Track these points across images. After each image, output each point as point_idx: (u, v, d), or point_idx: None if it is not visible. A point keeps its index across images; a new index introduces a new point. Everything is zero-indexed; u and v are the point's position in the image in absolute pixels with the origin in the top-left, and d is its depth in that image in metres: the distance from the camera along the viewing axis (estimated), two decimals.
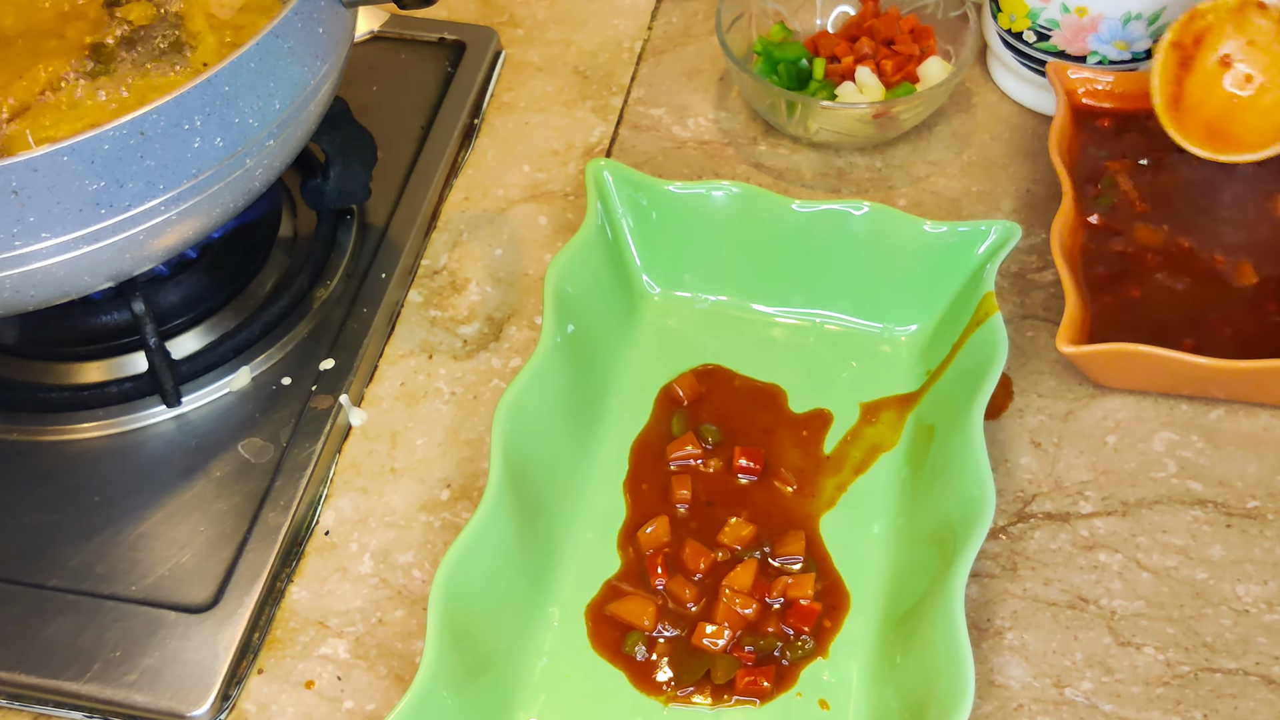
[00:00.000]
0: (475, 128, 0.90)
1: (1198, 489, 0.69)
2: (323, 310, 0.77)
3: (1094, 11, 0.82)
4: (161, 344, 0.72)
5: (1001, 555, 0.67)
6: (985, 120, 0.88)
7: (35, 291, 0.62)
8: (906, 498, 0.68)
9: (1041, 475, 0.70)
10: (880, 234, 0.74)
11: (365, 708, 0.63)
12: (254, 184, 0.67)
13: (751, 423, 0.72)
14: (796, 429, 0.72)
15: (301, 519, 0.69)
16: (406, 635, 0.65)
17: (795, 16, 0.91)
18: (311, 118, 0.69)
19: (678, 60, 0.94)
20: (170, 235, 0.64)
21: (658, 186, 0.76)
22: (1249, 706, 0.61)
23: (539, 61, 0.94)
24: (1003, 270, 0.79)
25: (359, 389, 0.75)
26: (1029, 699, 0.62)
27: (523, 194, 0.86)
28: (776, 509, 0.68)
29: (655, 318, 0.77)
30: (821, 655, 0.63)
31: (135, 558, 0.67)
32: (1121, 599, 0.65)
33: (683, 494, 0.69)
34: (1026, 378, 0.74)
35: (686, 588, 0.65)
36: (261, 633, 0.66)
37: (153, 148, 0.59)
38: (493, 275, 0.81)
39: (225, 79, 0.61)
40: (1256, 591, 0.65)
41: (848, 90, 0.85)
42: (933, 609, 0.59)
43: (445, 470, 0.72)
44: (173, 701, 0.62)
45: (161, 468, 0.71)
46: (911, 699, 0.58)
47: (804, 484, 0.69)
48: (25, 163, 0.56)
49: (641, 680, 0.62)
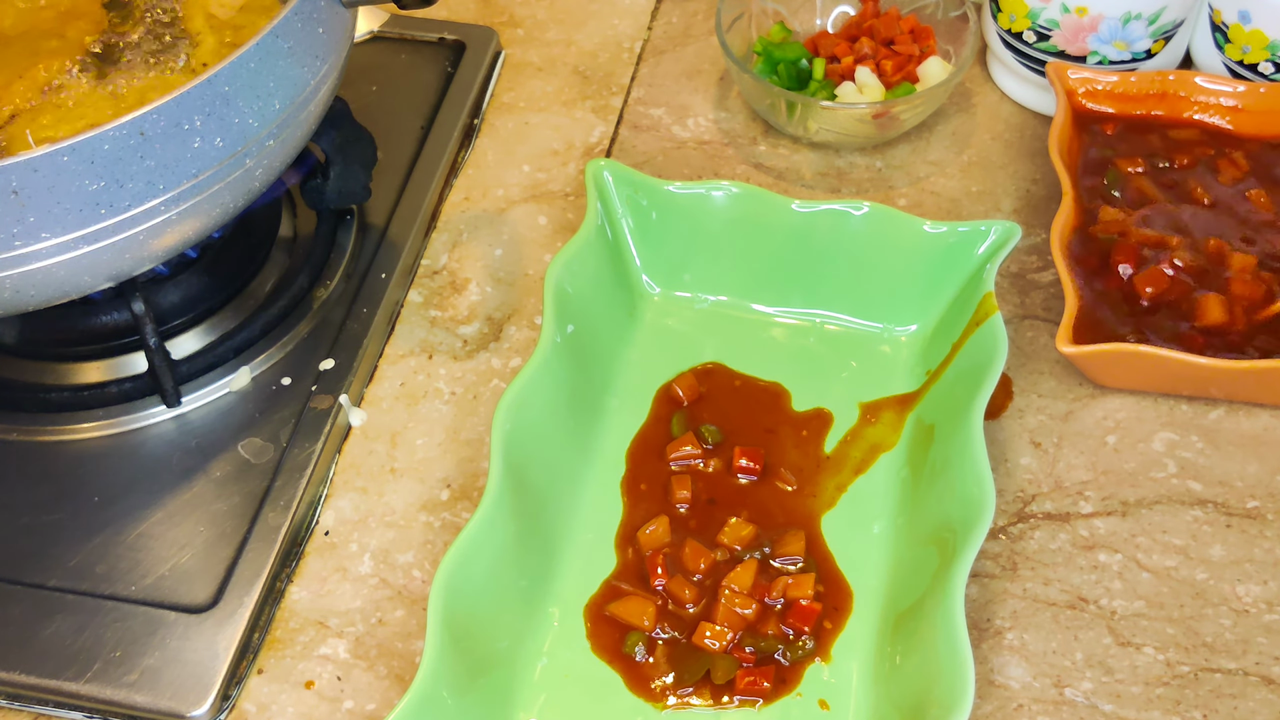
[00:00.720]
0: (475, 128, 0.90)
1: (1198, 489, 0.69)
2: (323, 310, 0.77)
3: (1094, 11, 0.82)
4: (161, 344, 0.72)
5: (1001, 555, 0.67)
6: (985, 120, 0.88)
7: (35, 291, 0.62)
8: (906, 498, 0.68)
9: (1041, 475, 0.70)
10: (880, 234, 0.74)
11: (365, 708, 0.63)
12: (254, 184, 0.67)
13: (752, 422, 0.72)
14: (796, 429, 0.72)
15: (301, 519, 0.69)
16: (406, 635, 0.65)
17: (795, 16, 0.91)
18: (311, 118, 0.69)
19: (678, 60, 0.94)
20: (170, 235, 0.64)
21: (658, 186, 0.76)
22: (1249, 706, 0.61)
23: (539, 61, 0.94)
24: (1003, 270, 0.79)
25: (359, 389, 0.75)
26: (1029, 699, 0.62)
27: (523, 194, 0.86)
28: (777, 509, 0.68)
29: (655, 318, 0.77)
30: (821, 657, 0.63)
31: (135, 558, 0.67)
32: (1121, 599, 0.65)
33: (683, 494, 0.69)
34: (1026, 378, 0.74)
35: (686, 588, 0.65)
36: (261, 633, 0.66)
37: (153, 148, 0.59)
38: (493, 275, 0.81)
39: (225, 79, 0.61)
40: (1256, 591, 0.65)
41: (848, 90, 0.85)
42: (933, 609, 0.59)
43: (445, 470, 0.72)
44: (173, 701, 0.62)
45: (161, 468, 0.71)
46: (911, 699, 0.58)
47: (804, 484, 0.69)
48: (25, 163, 0.56)
49: (640, 681, 0.62)
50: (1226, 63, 0.84)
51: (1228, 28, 0.82)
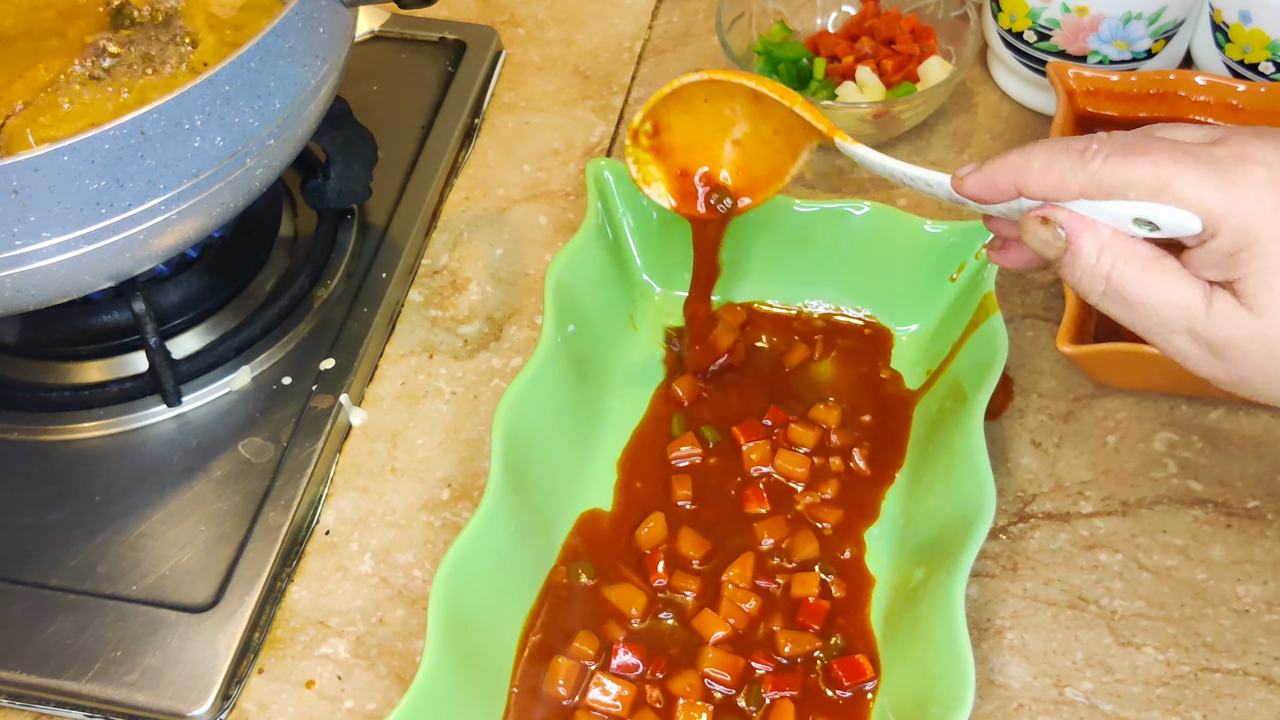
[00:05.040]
0: (476, 127, 0.90)
1: (1198, 489, 0.69)
2: (323, 310, 0.77)
3: (1094, 11, 0.82)
4: (162, 343, 0.72)
5: (1001, 555, 0.67)
6: (986, 120, 0.88)
7: (36, 291, 0.62)
8: (907, 498, 0.68)
9: (1041, 475, 0.70)
10: (881, 234, 0.74)
11: (365, 707, 0.63)
12: (254, 184, 0.67)
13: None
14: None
15: (302, 519, 0.69)
16: (407, 635, 0.65)
17: (796, 16, 0.91)
18: (312, 117, 0.69)
19: (678, 60, 0.94)
20: (170, 235, 0.64)
21: None
22: (1249, 706, 0.61)
23: (539, 61, 0.94)
24: (1003, 270, 0.79)
25: (359, 389, 0.75)
26: (1029, 699, 0.62)
27: (523, 194, 0.86)
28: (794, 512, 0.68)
29: (655, 317, 0.77)
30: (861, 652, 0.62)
31: (136, 557, 0.67)
32: (1122, 599, 0.65)
33: (683, 493, 0.69)
34: (1027, 378, 0.74)
35: (688, 579, 0.65)
36: (262, 632, 0.66)
37: (153, 147, 0.59)
38: (493, 275, 0.81)
39: (225, 79, 0.61)
40: (1256, 591, 0.65)
41: (848, 90, 0.85)
42: (933, 609, 0.59)
43: (445, 470, 0.72)
44: (173, 701, 0.62)
45: (162, 467, 0.71)
46: (911, 699, 0.58)
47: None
48: (26, 162, 0.56)
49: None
50: (1227, 62, 0.84)
51: (1228, 27, 0.82)
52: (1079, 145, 0.49)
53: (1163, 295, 0.49)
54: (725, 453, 0.70)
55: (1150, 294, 0.49)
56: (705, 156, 0.67)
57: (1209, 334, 0.48)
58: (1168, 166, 0.47)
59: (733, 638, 0.63)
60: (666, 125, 0.66)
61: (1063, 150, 0.49)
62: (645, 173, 0.67)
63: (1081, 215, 0.50)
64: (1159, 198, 0.47)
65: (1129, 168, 0.48)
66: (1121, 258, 0.49)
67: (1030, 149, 0.50)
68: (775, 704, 0.60)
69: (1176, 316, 0.49)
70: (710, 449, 0.71)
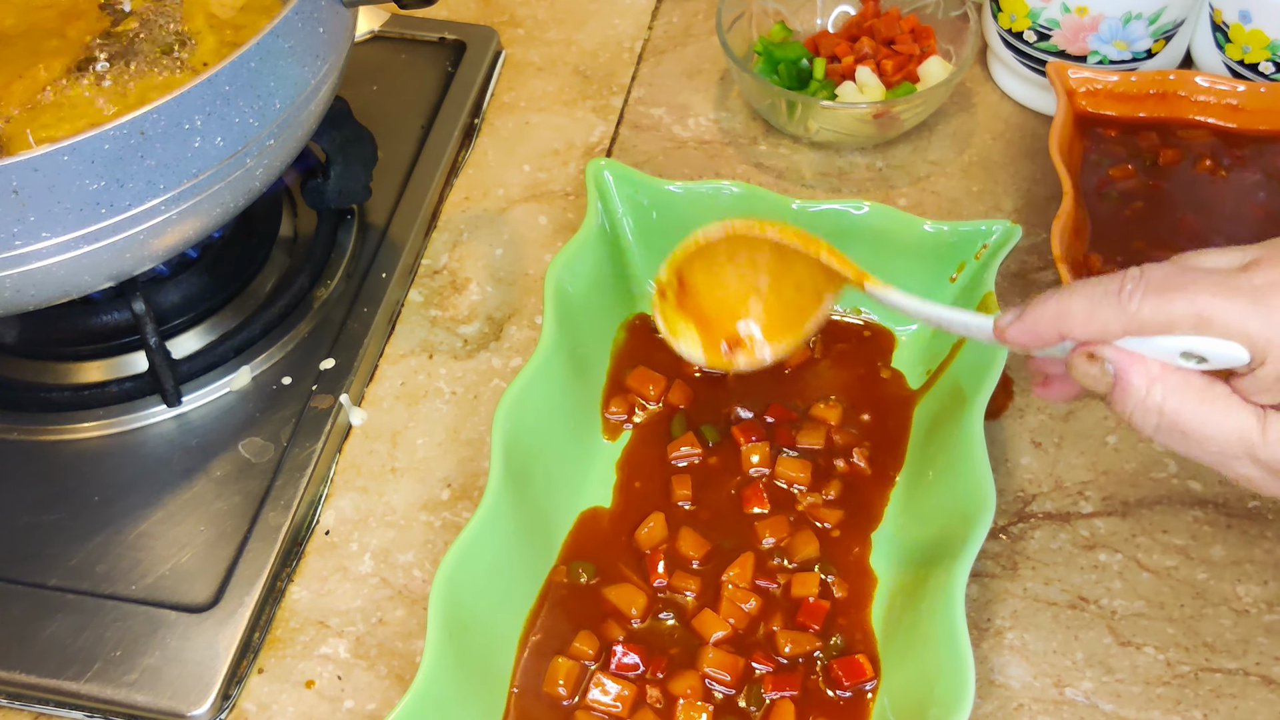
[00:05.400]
0: (475, 127, 0.90)
1: (1198, 489, 0.69)
2: (323, 310, 0.77)
3: (1094, 11, 0.82)
4: (162, 343, 0.72)
5: (1001, 555, 0.67)
6: (986, 120, 0.88)
7: (35, 291, 0.62)
8: (907, 498, 0.68)
9: (1041, 475, 0.70)
10: (880, 234, 0.74)
11: (365, 707, 0.63)
12: (254, 184, 0.67)
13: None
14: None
15: (302, 519, 0.69)
16: (407, 635, 0.65)
17: (795, 16, 0.91)
18: (312, 117, 0.69)
19: (678, 60, 0.94)
20: (170, 235, 0.64)
21: (658, 186, 0.76)
22: (1249, 706, 0.61)
23: (539, 61, 0.94)
24: (1003, 270, 0.79)
25: (359, 389, 0.75)
26: (1029, 699, 0.62)
27: (523, 194, 0.86)
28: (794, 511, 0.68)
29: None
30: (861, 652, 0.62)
31: (135, 557, 0.67)
32: (1122, 599, 0.65)
33: (683, 493, 0.69)
34: (1027, 378, 0.74)
35: (688, 579, 0.65)
36: (262, 632, 0.66)
37: (153, 147, 0.59)
38: (493, 275, 0.81)
39: (225, 79, 0.61)
40: (1256, 592, 0.65)
41: (848, 90, 0.85)
42: (933, 609, 0.59)
43: (445, 470, 0.72)
44: (173, 701, 0.62)
45: (162, 467, 0.71)
46: (911, 699, 0.58)
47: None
48: (25, 162, 0.56)
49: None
50: (1227, 62, 0.84)
51: (1228, 27, 0.82)
52: (1113, 286, 0.48)
53: (1220, 425, 0.48)
54: (725, 453, 0.70)
55: (1207, 425, 0.48)
56: (731, 308, 0.65)
57: (1270, 459, 0.48)
58: (1207, 301, 0.47)
59: (733, 638, 0.63)
60: (690, 279, 0.65)
61: (1101, 294, 0.48)
62: (673, 327, 0.66)
63: (1129, 350, 0.49)
64: (1203, 332, 0.47)
65: (1168, 305, 0.47)
66: (1173, 390, 0.48)
67: (1067, 294, 0.50)
68: (775, 704, 0.60)
69: (1235, 444, 0.48)
70: (710, 449, 0.71)
